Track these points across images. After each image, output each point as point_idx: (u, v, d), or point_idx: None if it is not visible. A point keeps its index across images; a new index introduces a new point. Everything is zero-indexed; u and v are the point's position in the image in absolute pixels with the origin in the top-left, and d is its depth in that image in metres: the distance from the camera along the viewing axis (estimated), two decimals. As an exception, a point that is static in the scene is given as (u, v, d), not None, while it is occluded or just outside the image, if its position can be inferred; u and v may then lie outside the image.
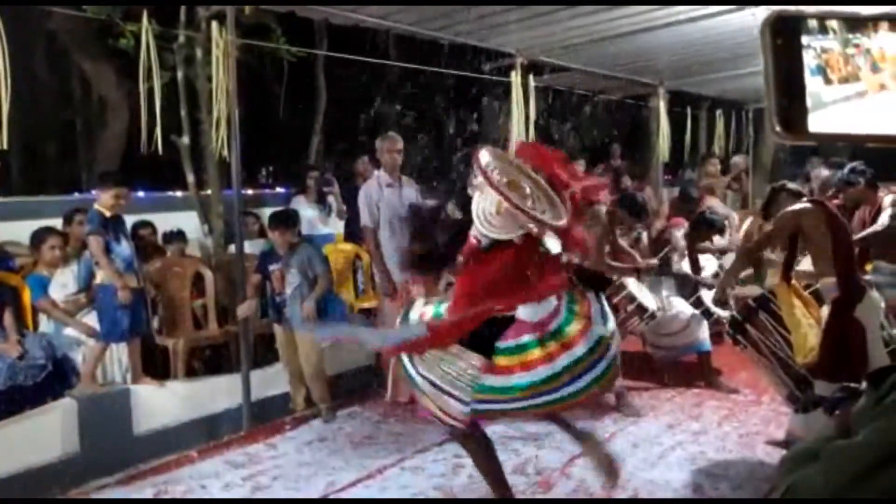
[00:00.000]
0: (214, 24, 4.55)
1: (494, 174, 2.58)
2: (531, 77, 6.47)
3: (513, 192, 2.56)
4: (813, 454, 0.80)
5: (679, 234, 5.25)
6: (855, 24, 0.73)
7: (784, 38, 0.72)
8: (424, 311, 2.96)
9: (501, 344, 2.72)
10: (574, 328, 2.71)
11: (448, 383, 2.71)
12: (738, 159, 8.76)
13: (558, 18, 5.16)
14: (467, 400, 2.70)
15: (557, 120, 12.92)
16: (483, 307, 2.72)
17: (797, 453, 0.85)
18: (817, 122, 0.72)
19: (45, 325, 4.41)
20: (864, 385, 0.84)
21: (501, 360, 2.70)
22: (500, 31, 5.47)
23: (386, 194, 4.86)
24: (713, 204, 6.61)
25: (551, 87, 7.92)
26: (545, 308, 2.72)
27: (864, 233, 4.88)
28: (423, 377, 2.76)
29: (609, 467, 3.05)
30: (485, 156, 2.64)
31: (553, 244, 2.68)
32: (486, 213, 2.65)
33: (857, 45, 0.73)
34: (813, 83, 0.72)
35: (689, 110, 9.10)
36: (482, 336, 2.74)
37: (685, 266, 5.23)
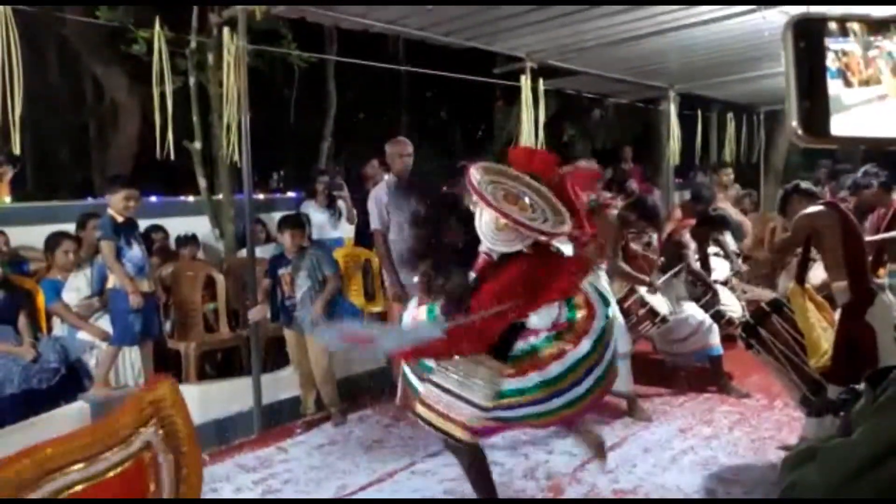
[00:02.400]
0: (226, 30, 4.58)
1: (488, 190, 2.52)
2: (541, 81, 6.48)
3: (511, 206, 2.52)
4: (812, 454, 0.81)
5: (689, 234, 5.23)
6: (877, 27, 0.73)
7: (807, 40, 0.72)
8: (416, 312, 2.90)
9: (515, 348, 2.71)
10: (579, 319, 2.72)
11: (467, 390, 2.65)
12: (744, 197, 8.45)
13: (568, 22, 5.15)
14: (487, 406, 2.65)
15: (568, 123, 12.94)
16: (502, 315, 2.64)
17: (797, 454, 0.86)
18: (838, 125, 0.72)
19: (59, 328, 4.45)
20: (862, 386, 0.85)
21: (516, 363, 2.68)
22: (510, 35, 5.48)
23: (395, 198, 4.86)
24: (726, 207, 6.57)
25: (562, 90, 7.92)
26: (550, 311, 2.71)
27: (878, 237, 4.84)
28: (434, 384, 2.71)
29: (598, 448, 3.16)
30: (475, 174, 2.57)
31: (564, 248, 2.67)
32: (487, 230, 2.62)
33: (878, 48, 0.73)
34: (833, 86, 0.72)
35: (699, 113, 9.06)
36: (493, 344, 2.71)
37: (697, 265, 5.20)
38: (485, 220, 2.63)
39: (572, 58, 6.30)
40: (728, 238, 5.83)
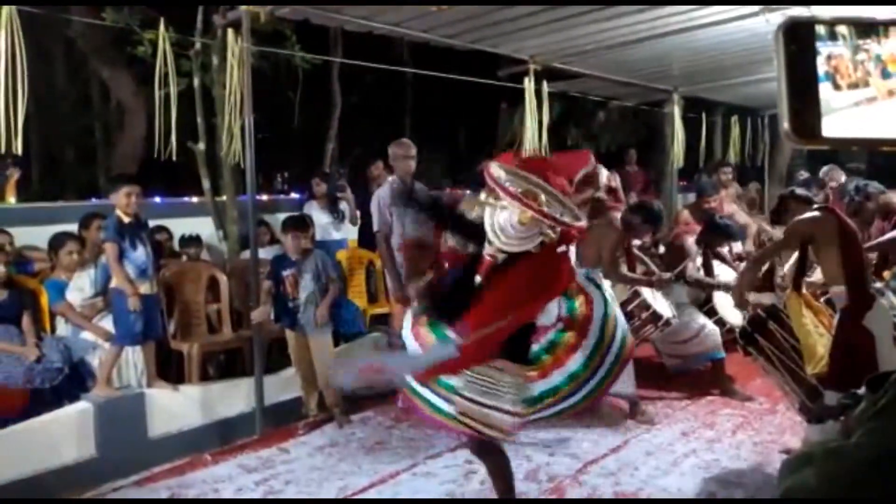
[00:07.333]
0: (230, 32, 4.60)
1: (510, 187, 2.56)
2: (545, 83, 6.48)
3: (531, 202, 2.54)
4: (809, 458, 0.81)
5: (691, 240, 5.22)
6: (866, 30, 0.74)
7: (798, 43, 0.73)
8: (422, 333, 2.84)
9: (535, 348, 2.78)
10: (579, 307, 2.84)
11: (497, 399, 2.67)
12: (751, 188, 8.84)
13: (572, 24, 5.16)
14: (523, 412, 2.74)
15: (572, 126, 12.93)
16: (511, 320, 2.67)
17: (795, 458, 0.86)
18: (828, 128, 0.73)
19: (63, 328, 4.47)
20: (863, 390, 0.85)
21: (538, 365, 2.77)
22: (514, 37, 5.48)
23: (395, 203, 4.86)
24: (733, 211, 6.55)
25: (566, 93, 7.91)
26: (551, 308, 2.77)
27: (878, 240, 4.83)
28: (466, 398, 2.69)
29: None
30: (496, 171, 2.61)
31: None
32: (506, 226, 2.58)
33: (867, 51, 0.74)
34: (823, 90, 0.72)
35: (703, 116, 9.05)
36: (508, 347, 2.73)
37: (699, 273, 5.19)
38: (503, 217, 2.58)
39: (576, 60, 6.30)
40: (733, 245, 5.81)
